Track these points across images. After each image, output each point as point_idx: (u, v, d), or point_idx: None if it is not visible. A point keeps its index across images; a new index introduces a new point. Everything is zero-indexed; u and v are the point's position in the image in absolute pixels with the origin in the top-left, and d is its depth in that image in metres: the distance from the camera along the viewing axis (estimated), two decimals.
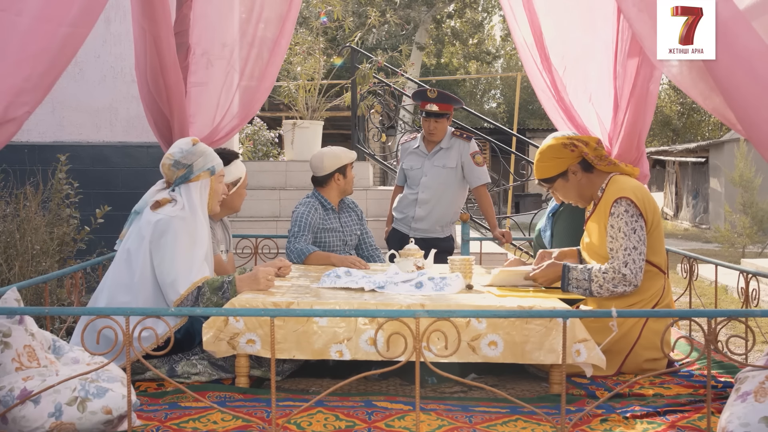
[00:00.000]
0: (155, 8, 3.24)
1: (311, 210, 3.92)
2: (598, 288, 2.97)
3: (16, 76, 2.34)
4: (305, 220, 3.89)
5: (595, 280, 2.98)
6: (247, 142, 8.36)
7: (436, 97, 4.45)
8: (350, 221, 4.14)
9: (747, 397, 2.15)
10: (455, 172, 4.56)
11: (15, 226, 4.17)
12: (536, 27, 3.93)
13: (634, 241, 2.95)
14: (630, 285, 2.95)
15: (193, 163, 3.00)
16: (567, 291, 3.05)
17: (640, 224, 2.97)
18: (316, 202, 3.98)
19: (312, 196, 4.03)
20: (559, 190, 3.22)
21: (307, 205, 3.94)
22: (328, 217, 4.00)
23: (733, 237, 11.73)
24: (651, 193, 3.19)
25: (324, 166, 3.97)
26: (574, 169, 3.14)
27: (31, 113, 2.44)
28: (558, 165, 3.15)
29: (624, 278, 2.93)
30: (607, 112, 3.72)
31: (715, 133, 23.95)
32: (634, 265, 2.94)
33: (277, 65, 4.12)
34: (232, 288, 2.88)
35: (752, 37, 2.36)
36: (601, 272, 2.97)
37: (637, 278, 2.95)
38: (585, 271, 3.01)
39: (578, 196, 3.20)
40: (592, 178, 3.15)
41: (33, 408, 2.14)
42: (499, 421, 2.38)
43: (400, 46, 9.94)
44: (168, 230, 2.83)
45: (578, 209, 3.46)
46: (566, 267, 3.06)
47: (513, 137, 10.46)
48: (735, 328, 5.17)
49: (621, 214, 2.97)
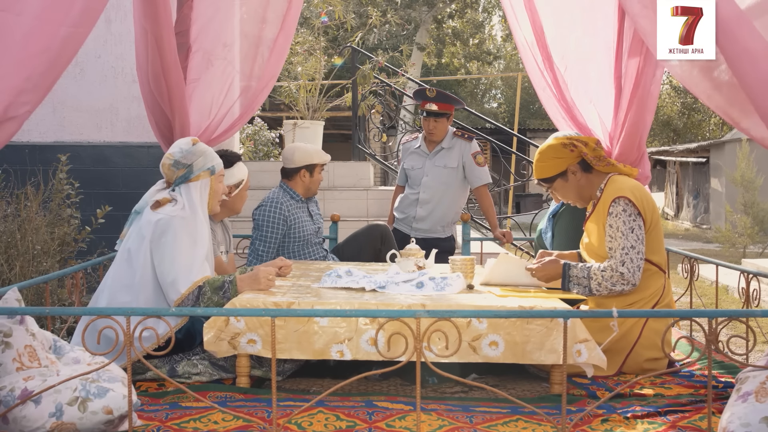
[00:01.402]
0: (157, 9, 3.24)
1: (276, 209, 3.90)
2: (597, 286, 2.98)
3: (16, 75, 2.35)
4: (272, 228, 3.89)
5: (594, 278, 2.98)
6: (248, 142, 8.36)
7: (435, 96, 4.46)
8: (317, 211, 4.19)
9: (748, 397, 2.15)
10: (456, 172, 4.57)
11: (16, 226, 4.17)
12: (537, 26, 3.92)
13: (631, 240, 2.95)
14: (628, 284, 2.95)
15: (193, 163, 3.00)
16: (567, 289, 3.06)
17: (638, 223, 2.98)
18: (284, 196, 3.99)
19: (279, 188, 4.05)
20: (559, 190, 3.23)
21: (272, 205, 3.91)
22: (298, 207, 4.03)
23: (734, 237, 11.73)
24: (651, 193, 3.19)
25: (294, 159, 4.01)
26: (574, 169, 3.15)
27: (31, 112, 2.45)
28: (557, 165, 3.15)
29: (622, 277, 2.94)
30: (608, 112, 3.72)
31: (716, 133, 23.94)
32: (632, 264, 2.94)
33: (278, 64, 4.11)
34: (233, 288, 2.88)
35: (754, 36, 2.36)
36: (600, 270, 2.98)
37: (635, 277, 2.95)
38: (585, 269, 3.02)
39: (577, 196, 3.20)
40: (591, 179, 3.16)
41: (34, 408, 2.14)
42: (500, 421, 2.38)
43: (401, 46, 9.94)
44: (168, 230, 2.83)
45: (579, 210, 3.46)
46: (567, 265, 3.07)
47: (514, 137, 10.45)
48: (736, 329, 5.17)
49: (619, 214, 2.98)
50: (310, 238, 4.04)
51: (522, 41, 4.05)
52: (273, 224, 3.89)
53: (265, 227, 3.90)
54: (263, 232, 3.90)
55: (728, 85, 2.47)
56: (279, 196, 3.97)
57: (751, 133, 2.64)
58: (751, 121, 2.56)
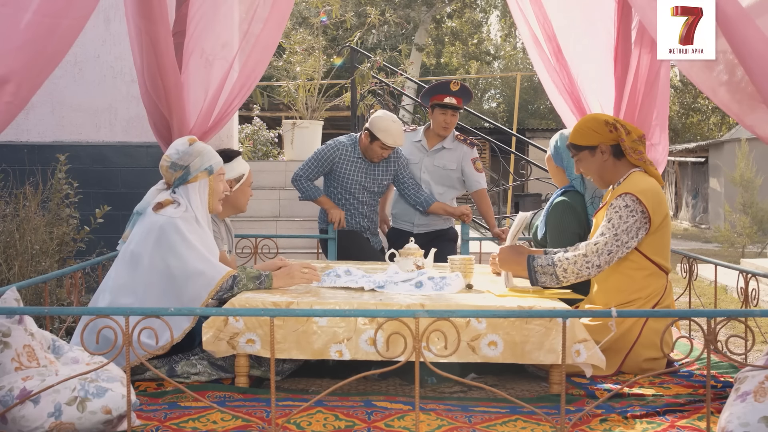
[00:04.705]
0: (152, 8, 3.18)
1: (335, 150, 4.36)
2: (563, 272, 2.94)
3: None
4: (320, 158, 4.38)
5: (559, 265, 2.94)
6: (247, 142, 8.36)
7: (459, 90, 4.45)
8: (382, 170, 4.46)
9: (746, 397, 2.15)
10: (455, 173, 4.62)
11: (14, 226, 4.17)
12: (545, 20, 3.92)
13: (619, 231, 2.91)
14: (592, 266, 2.92)
15: (190, 164, 2.99)
16: (535, 282, 3.00)
17: (637, 224, 2.94)
18: (350, 145, 4.41)
19: (351, 137, 4.49)
20: (582, 162, 3.16)
21: (335, 146, 4.38)
22: (355, 161, 4.40)
23: (733, 237, 11.74)
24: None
25: (373, 123, 4.30)
26: (604, 149, 3.08)
27: (16, 107, 2.34)
28: (591, 137, 3.09)
29: (585, 258, 2.91)
30: (610, 107, 3.75)
31: (715, 133, 23.95)
32: (604, 247, 2.91)
33: (268, 46, 3.97)
34: (269, 279, 2.94)
35: (755, 35, 2.36)
36: (565, 256, 2.95)
37: (600, 260, 2.91)
38: (548, 258, 2.98)
39: (598, 175, 3.14)
40: (617, 165, 3.10)
41: (32, 408, 2.13)
42: (499, 421, 2.38)
43: (400, 46, 9.94)
44: (175, 230, 2.82)
45: (573, 206, 3.44)
46: (530, 257, 3.01)
47: (513, 137, 10.46)
48: (734, 328, 5.18)
49: (619, 208, 2.94)
50: (352, 192, 4.44)
51: (530, 36, 4.04)
52: (321, 155, 4.39)
53: (314, 156, 4.42)
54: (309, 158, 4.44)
55: (731, 83, 2.47)
56: (344, 142, 4.42)
57: (755, 130, 2.63)
58: (755, 116, 2.55)
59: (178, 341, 2.75)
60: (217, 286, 2.80)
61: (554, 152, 3.55)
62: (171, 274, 2.80)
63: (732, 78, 2.59)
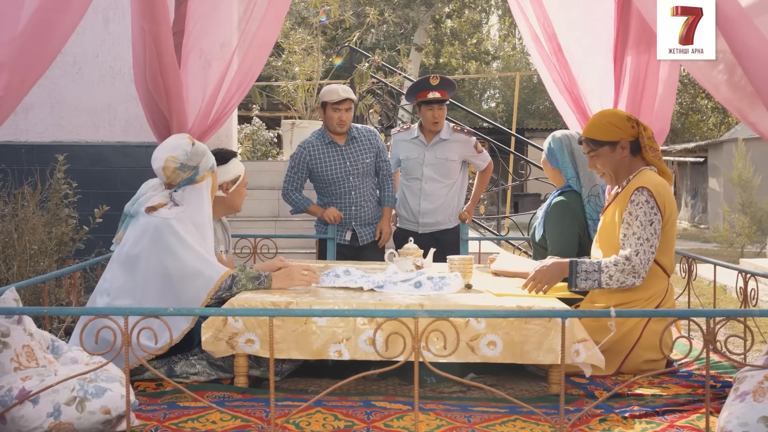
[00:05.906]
0: (155, 8, 3.21)
1: (302, 150, 4.41)
2: (608, 279, 2.94)
3: None
4: (294, 164, 4.42)
5: (605, 271, 2.94)
6: (246, 142, 8.36)
7: (439, 83, 4.45)
8: (359, 150, 4.43)
9: (746, 396, 2.16)
10: (457, 164, 4.64)
11: (13, 225, 4.17)
12: (545, 19, 3.92)
13: (648, 232, 2.92)
14: (638, 277, 2.92)
15: (199, 164, 2.97)
16: (575, 287, 2.99)
17: (658, 218, 2.93)
18: (316, 137, 4.45)
19: (314, 131, 4.53)
20: (600, 158, 3.13)
21: (301, 146, 4.44)
22: (326, 149, 4.40)
23: (732, 237, 11.74)
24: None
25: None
26: (624, 144, 3.07)
27: (8, 104, 2.31)
28: (613, 132, 3.08)
29: (633, 269, 2.90)
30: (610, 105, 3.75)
31: (714, 133, 23.96)
32: (644, 256, 2.91)
33: (265, 44, 3.98)
34: (268, 280, 2.92)
35: (754, 36, 2.36)
36: (612, 263, 2.94)
37: (644, 270, 2.92)
38: (594, 264, 2.98)
39: (614, 171, 3.13)
40: (633, 162, 3.10)
41: (32, 408, 2.13)
42: (498, 420, 2.38)
43: (398, 45, 9.95)
44: (171, 231, 2.81)
45: (571, 206, 3.44)
46: (574, 262, 3.01)
47: (512, 137, 10.46)
48: (733, 328, 5.18)
49: (641, 204, 2.94)
50: (338, 181, 4.39)
51: (530, 35, 4.04)
52: (296, 159, 4.43)
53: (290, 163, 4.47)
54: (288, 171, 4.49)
55: (731, 82, 2.48)
56: (308, 140, 4.48)
57: (757, 127, 2.64)
58: (757, 113, 2.55)
59: (177, 342, 2.75)
60: (215, 286, 2.80)
61: (548, 154, 3.57)
62: (169, 276, 2.79)
63: (732, 77, 2.59)
